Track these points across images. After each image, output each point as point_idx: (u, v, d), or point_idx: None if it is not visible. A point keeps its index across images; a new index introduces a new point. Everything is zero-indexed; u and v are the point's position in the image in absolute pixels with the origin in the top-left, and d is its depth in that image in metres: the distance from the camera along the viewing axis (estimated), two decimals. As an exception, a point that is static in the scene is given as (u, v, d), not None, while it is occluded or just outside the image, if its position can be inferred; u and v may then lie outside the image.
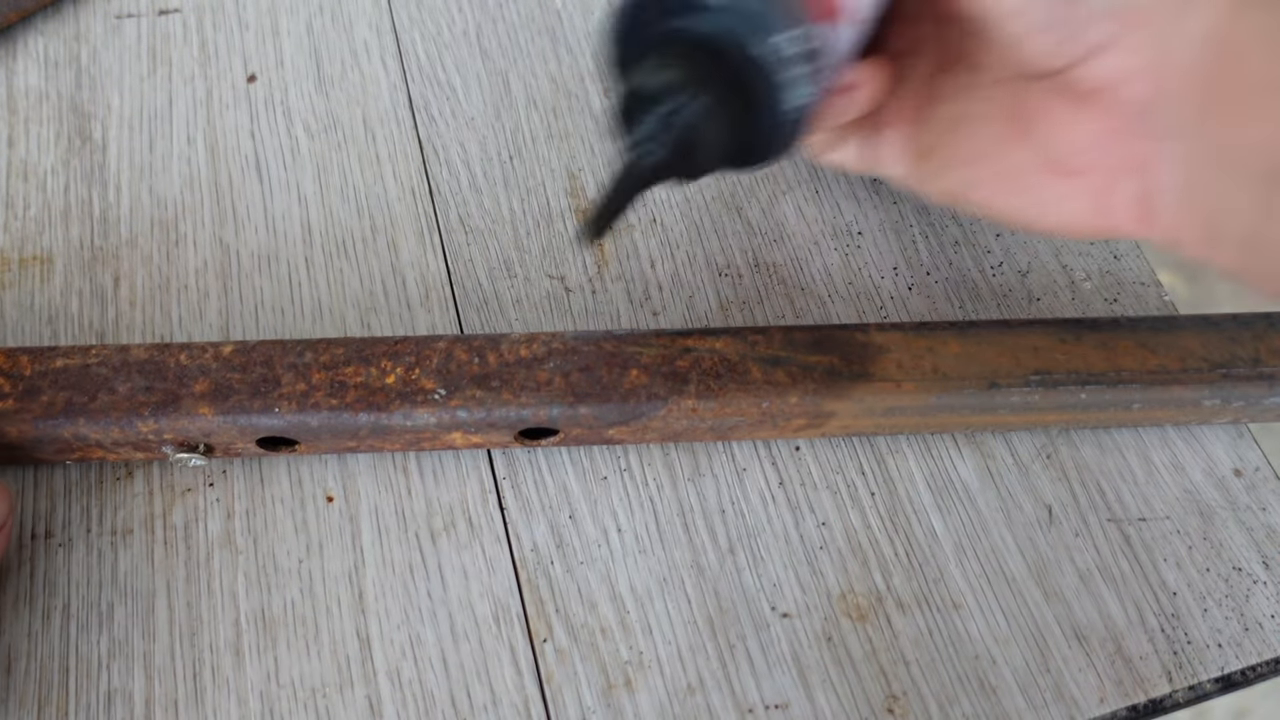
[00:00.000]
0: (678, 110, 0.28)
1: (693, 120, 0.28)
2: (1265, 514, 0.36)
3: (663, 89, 0.28)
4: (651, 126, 0.28)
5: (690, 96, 0.28)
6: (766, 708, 0.32)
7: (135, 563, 0.33)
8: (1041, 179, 0.29)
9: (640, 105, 0.28)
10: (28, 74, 0.42)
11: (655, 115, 0.28)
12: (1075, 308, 0.40)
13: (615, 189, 0.28)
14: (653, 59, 0.28)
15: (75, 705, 0.31)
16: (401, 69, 0.43)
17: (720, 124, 0.29)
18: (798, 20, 0.27)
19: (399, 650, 0.32)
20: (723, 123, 0.29)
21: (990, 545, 0.35)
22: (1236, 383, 0.34)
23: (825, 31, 0.28)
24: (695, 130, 0.28)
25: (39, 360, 0.32)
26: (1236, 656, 0.34)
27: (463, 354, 0.33)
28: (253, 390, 0.31)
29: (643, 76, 0.28)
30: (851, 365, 0.33)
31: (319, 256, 0.39)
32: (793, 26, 0.27)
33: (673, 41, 0.29)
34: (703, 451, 0.36)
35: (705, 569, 0.34)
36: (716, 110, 0.28)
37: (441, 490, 0.35)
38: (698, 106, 0.28)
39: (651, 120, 0.28)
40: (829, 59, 0.29)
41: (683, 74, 0.28)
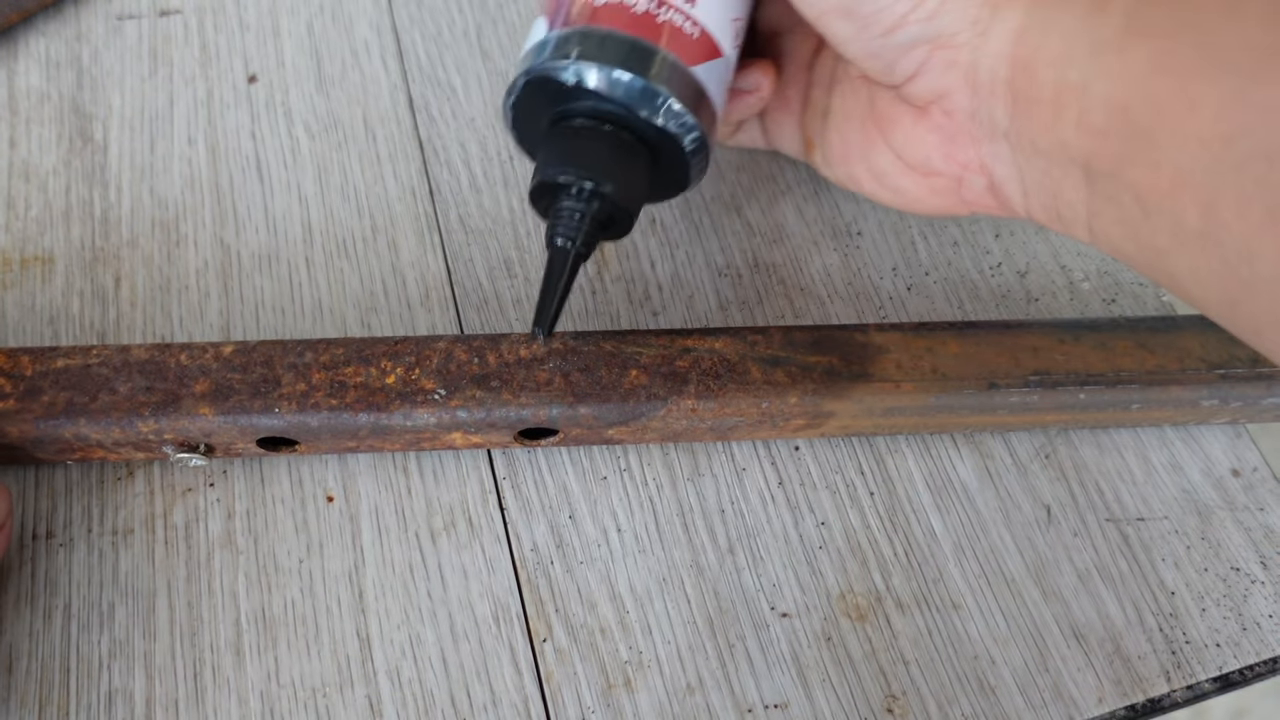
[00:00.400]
0: (588, 199, 0.30)
1: (604, 207, 0.31)
2: (1263, 514, 0.36)
3: (570, 179, 0.30)
4: (568, 222, 0.31)
5: (597, 182, 0.30)
6: (766, 707, 0.32)
7: (136, 563, 0.33)
8: (905, 177, 0.32)
9: (552, 193, 0.31)
10: (29, 74, 0.42)
11: (568, 210, 0.31)
12: (1074, 308, 0.40)
13: (552, 283, 0.31)
14: (554, 146, 0.31)
15: (76, 705, 0.31)
16: (402, 69, 0.43)
17: (633, 188, 0.31)
18: (679, 75, 0.30)
19: (399, 650, 0.32)
20: (635, 185, 0.31)
21: (989, 545, 0.35)
22: (1235, 383, 0.34)
23: (708, 68, 0.31)
24: (608, 212, 0.31)
25: (40, 360, 0.32)
26: (1235, 656, 0.34)
27: (463, 354, 0.33)
28: (253, 390, 0.31)
29: (548, 170, 0.31)
30: (851, 365, 0.33)
31: (319, 256, 0.39)
32: (676, 84, 0.30)
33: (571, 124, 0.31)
34: (702, 451, 0.36)
35: (705, 569, 0.34)
36: (626, 179, 0.31)
37: (441, 490, 0.35)
38: (607, 191, 0.30)
39: (566, 214, 0.31)
40: (717, 87, 0.31)
41: (587, 161, 0.30)
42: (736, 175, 0.42)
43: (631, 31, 0.29)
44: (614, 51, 0.29)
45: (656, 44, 0.29)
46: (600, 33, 0.29)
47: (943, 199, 0.32)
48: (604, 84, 0.29)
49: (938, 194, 0.32)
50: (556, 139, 0.31)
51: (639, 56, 0.29)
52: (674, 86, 0.30)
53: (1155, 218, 0.25)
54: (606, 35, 0.29)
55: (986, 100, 0.29)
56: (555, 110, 0.31)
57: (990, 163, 0.30)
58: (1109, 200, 0.27)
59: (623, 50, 0.29)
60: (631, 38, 0.29)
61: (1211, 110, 0.23)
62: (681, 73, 0.30)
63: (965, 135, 0.30)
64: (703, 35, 0.30)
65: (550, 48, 0.30)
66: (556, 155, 0.31)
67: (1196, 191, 0.24)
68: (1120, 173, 0.26)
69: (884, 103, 0.32)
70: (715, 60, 0.31)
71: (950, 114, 0.30)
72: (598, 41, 0.29)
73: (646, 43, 0.29)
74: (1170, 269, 0.26)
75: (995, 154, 0.29)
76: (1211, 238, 0.24)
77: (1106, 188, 0.26)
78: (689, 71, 0.30)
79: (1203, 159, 0.23)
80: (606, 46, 0.29)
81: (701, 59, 0.30)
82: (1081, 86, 0.26)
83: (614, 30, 0.29)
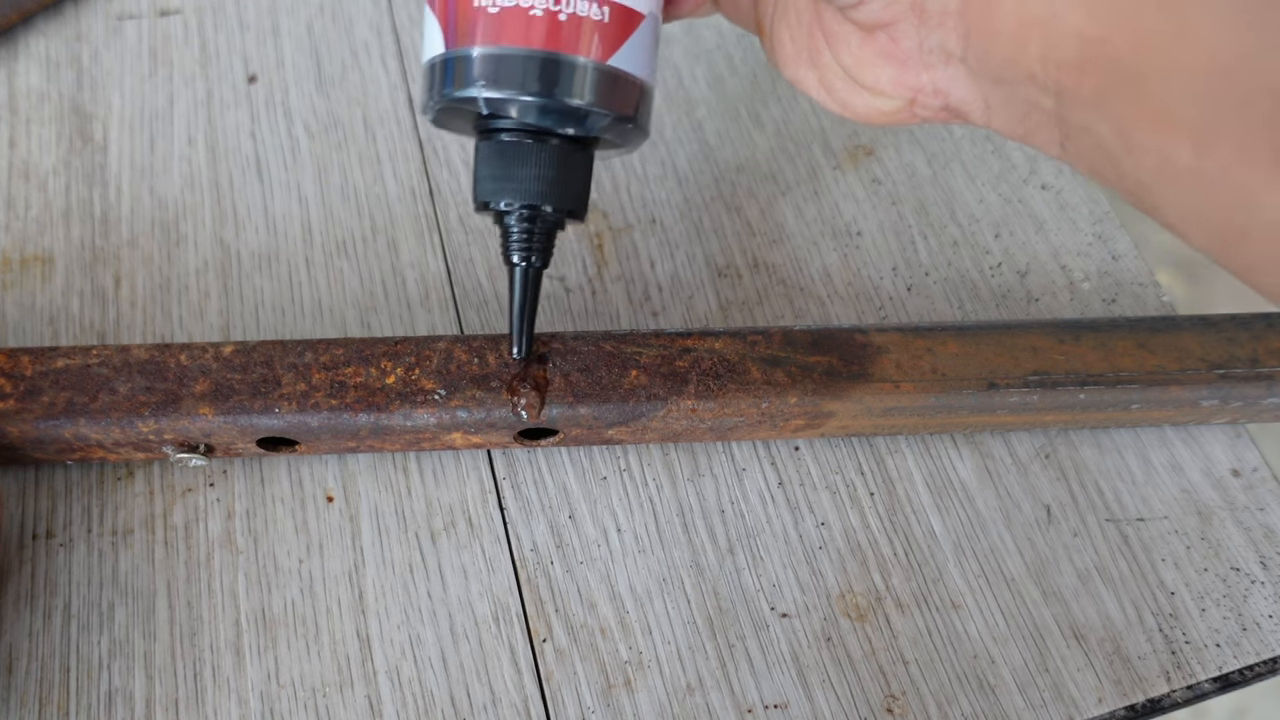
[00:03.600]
0: (533, 219, 0.30)
1: (549, 218, 0.30)
2: (1263, 514, 0.36)
3: (511, 204, 0.30)
4: (521, 241, 0.30)
5: (538, 201, 0.30)
6: (766, 707, 0.32)
7: (136, 563, 0.33)
8: (854, 94, 0.30)
9: (495, 212, 0.31)
10: (29, 74, 0.42)
11: (517, 231, 0.30)
12: (1074, 308, 0.40)
13: (522, 303, 0.31)
14: (487, 166, 0.30)
15: (76, 705, 0.31)
16: (401, 69, 0.43)
17: (573, 189, 0.30)
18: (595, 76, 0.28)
19: (399, 650, 0.32)
20: (576, 184, 0.30)
21: (989, 545, 0.35)
22: (1234, 383, 0.34)
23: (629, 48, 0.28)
24: (555, 220, 0.31)
25: (40, 360, 0.32)
26: (1234, 656, 0.34)
27: (462, 354, 0.33)
28: (253, 390, 0.31)
29: (487, 194, 0.30)
30: (850, 366, 0.33)
31: (319, 256, 0.39)
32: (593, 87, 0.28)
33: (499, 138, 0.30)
34: (702, 452, 0.36)
35: (705, 569, 0.34)
36: (565, 186, 0.30)
37: (441, 490, 0.35)
38: (549, 208, 0.30)
39: (515, 234, 0.30)
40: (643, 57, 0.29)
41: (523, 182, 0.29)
42: (736, 175, 0.42)
43: (534, 45, 0.27)
44: (522, 75, 0.27)
45: (564, 51, 0.27)
46: (503, 54, 0.27)
47: (893, 116, 0.30)
48: (517, 110, 0.28)
49: (889, 113, 0.30)
50: (487, 157, 0.29)
51: (547, 75, 0.27)
52: (592, 92, 0.27)
53: (1139, 152, 0.23)
54: (510, 56, 0.27)
55: (935, 31, 0.27)
56: (478, 123, 0.29)
57: (946, 87, 0.28)
58: (1084, 130, 0.25)
59: (530, 71, 0.27)
60: (535, 53, 0.27)
61: (1207, 40, 0.21)
62: (598, 73, 0.27)
63: (915, 61, 0.28)
64: (615, 11, 0.27)
65: (453, 72, 0.28)
66: (492, 178, 0.29)
67: (1189, 129, 0.22)
68: (1097, 106, 0.24)
69: (830, 16, 0.29)
70: (636, 32, 0.28)
71: (897, 40, 0.28)
72: (502, 64, 0.27)
73: (553, 55, 0.27)
74: (1153, 201, 0.24)
75: (951, 77, 0.28)
76: (1206, 178, 0.22)
77: (1082, 118, 0.24)
78: (605, 68, 0.28)
79: (1197, 95, 0.21)
80: (512, 70, 0.27)
81: (619, 41, 0.28)
82: (1047, 19, 0.24)
83: (515, 49, 0.27)
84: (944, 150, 0.43)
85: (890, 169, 0.43)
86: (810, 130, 0.43)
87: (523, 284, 0.31)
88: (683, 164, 0.42)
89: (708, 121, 0.43)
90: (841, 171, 0.42)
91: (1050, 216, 0.42)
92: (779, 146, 0.43)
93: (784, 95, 0.44)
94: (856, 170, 0.43)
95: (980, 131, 0.44)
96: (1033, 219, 0.42)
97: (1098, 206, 0.42)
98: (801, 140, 0.43)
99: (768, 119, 0.43)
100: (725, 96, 0.44)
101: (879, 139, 0.43)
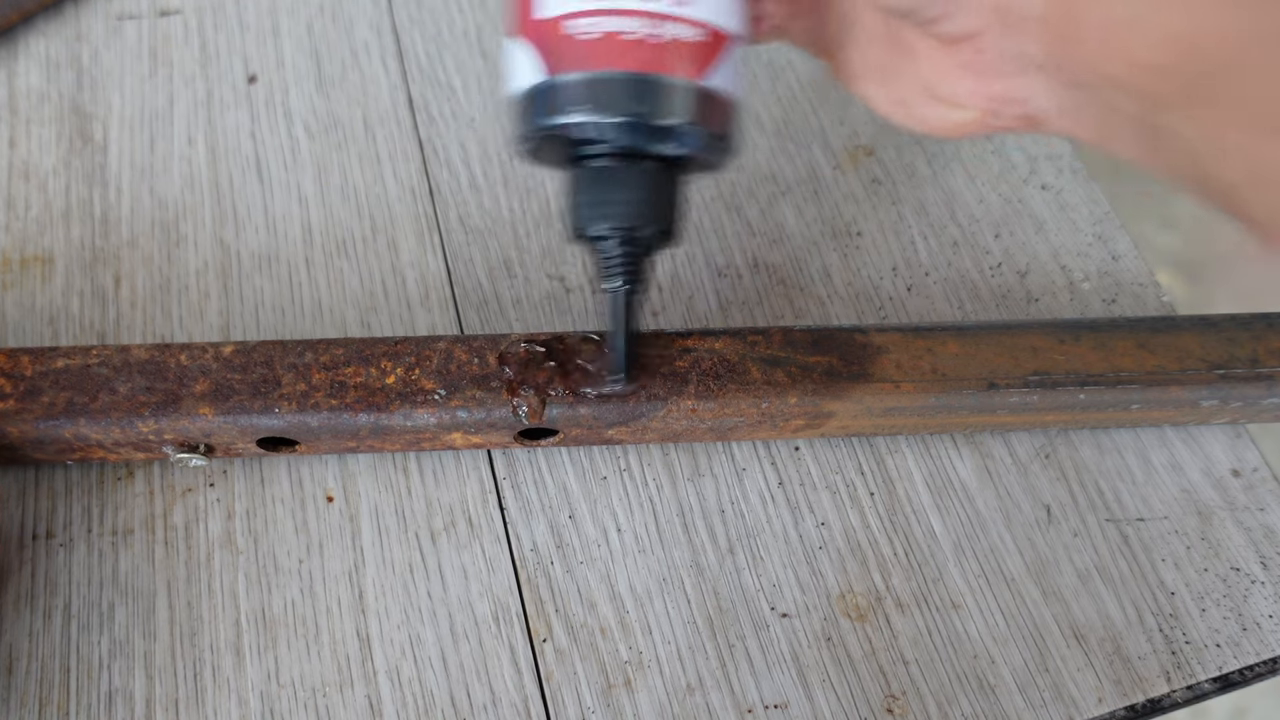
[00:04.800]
0: (629, 242, 0.30)
1: (644, 241, 0.30)
2: (1263, 514, 0.36)
3: (606, 230, 0.30)
4: (617, 267, 0.31)
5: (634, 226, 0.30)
6: (766, 707, 0.32)
7: (136, 563, 0.33)
8: (929, 107, 0.30)
9: (591, 239, 0.31)
10: (29, 75, 0.42)
11: (613, 256, 0.30)
12: (1074, 308, 0.40)
13: (620, 327, 0.31)
14: (581, 192, 0.30)
15: (76, 705, 0.31)
16: (401, 69, 0.43)
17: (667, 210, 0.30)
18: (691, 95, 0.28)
19: (399, 650, 0.32)
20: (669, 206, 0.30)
21: (989, 545, 0.35)
22: (1234, 383, 0.34)
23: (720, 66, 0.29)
24: (650, 243, 0.31)
25: (40, 361, 0.32)
26: (1234, 656, 0.34)
27: (463, 354, 0.33)
28: (253, 390, 0.31)
29: (583, 221, 0.30)
30: (850, 366, 0.33)
31: (319, 256, 0.39)
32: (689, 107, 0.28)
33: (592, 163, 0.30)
34: (702, 451, 0.36)
35: (705, 569, 0.34)
36: (659, 209, 0.30)
37: (441, 490, 0.35)
38: (645, 233, 0.30)
39: (613, 261, 0.30)
40: (733, 76, 0.30)
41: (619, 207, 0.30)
42: (736, 175, 0.42)
43: (634, 68, 0.27)
44: (621, 98, 0.27)
45: (661, 73, 0.28)
46: (602, 78, 0.28)
47: (968, 128, 0.30)
48: (617, 134, 0.28)
49: (964, 125, 0.30)
50: (582, 184, 0.30)
51: (646, 96, 0.28)
52: (688, 112, 0.28)
53: (1229, 155, 0.23)
54: (609, 80, 0.27)
55: (1018, 39, 0.27)
56: (572, 151, 0.30)
57: (1026, 95, 0.28)
58: (1168, 133, 0.24)
59: (629, 94, 0.27)
60: (635, 75, 0.27)
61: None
62: (693, 92, 0.28)
63: (997, 70, 0.28)
64: (708, 34, 0.28)
65: (552, 98, 0.28)
66: (588, 205, 0.30)
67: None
68: (1185, 107, 0.23)
69: (907, 31, 0.29)
70: (726, 51, 0.29)
71: (981, 51, 0.28)
72: (602, 88, 0.28)
73: (651, 76, 0.28)
74: (1242, 205, 0.24)
75: (1030, 85, 0.28)
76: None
77: (1166, 121, 0.24)
78: (701, 87, 0.28)
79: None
80: (611, 93, 0.28)
81: (711, 60, 0.29)
82: (1133, 22, 0.24)
83: (616, 72, 0.27)
84: (944, 150, 0.43)
85: (890, 169, 0.43)
86: (810, 130, 0.43)
87: (622, 309, 0.31)
88: (683, 164, 0.42)
89: (708, 121, 0.43)
90: (841, 171, 0.42)
91: (1050, 216, 0.42)
92: (779, 146, 0.43)
93: (783, 95, 0.44)
94: (856, 170, 0.43)
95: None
96: (1033, 219, 0.42)
97: (1098, 207, 0.42)
98: (801, 140, 0.43)
99: (768, 119, 0.43)
100: (725, 96, 0.44)
101: (879, 139, 0.43)
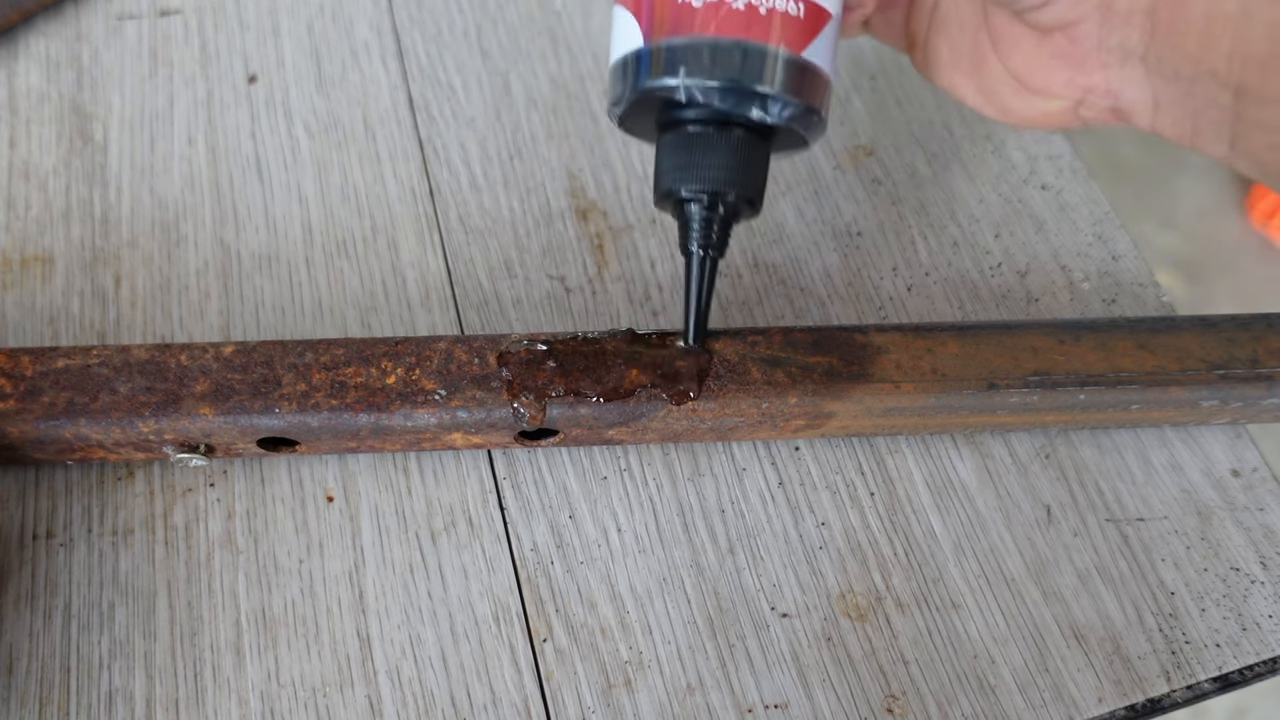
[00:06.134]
0: (716, 206, 0.31)
1: (730, 208, 0.31)
2: (1263, 514, 0.36)
3: (695, 191, 0.30)
4: (702, 231, 0.31)
5: (722, 190, 0.30)
6: (766, 707, 0.32)
7: (136, 563, 0.33)
8: (1017, 97, 0.31)
9: (679, 202, 0.31)
10: (29, 74, 0.42)
11: (699, 219, 0.31)
12: (1074, 308, 0.40)
13: (699, 292, 0.32)
14: (673, 155, 0.30)
15: (76, 705, 0.31)
16: (401, 69, 0.43)
17: (755, 179, 0.31)
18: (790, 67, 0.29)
19: (399, 650, 0.32)
20: (757, 175, 0.31)
21: (989, 545, 0.35)
22: (1235, 384, 0.34)
23: (819, 43, 0.29)
24: (735, 210, 0.31)
25: (40, 361, 0.32)
26: (1234, 656, 0.34)
27: (463, 354, 0.33)
28: (253, 391, 0.31)
29: (673, 182, 0.30)
30: (850, 366, 0.33)
31: (319, 256, 0.39)
32: (788, 78, 0.29)
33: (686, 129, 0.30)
34: (702, 451, 0.36)
35: (705, 569, 0.34)
36: (748, 176, 0.30)
37: (441, 490, 0.35)
38: (732, 198, 0.30)
39: (698, 223, 0.31)
40: (829, 54, 0.30)
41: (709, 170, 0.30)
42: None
43: (736, 34, 0.28)
44: (722, 62, 0.28)
45: (763, 41, 0.28)
46: (704, 43, 0.28)
47: (1056, 119, 0.31)
48: (715, 98, 0.28)
49: (1052, 115, 0.31)
50: (673, 147, 0.30)
51: (747, 63, 0.28)
52: (786, 82, 0.28)
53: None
54: (711, 45, 0.28)
55: (1120, 29, 0.27)
56: (665, 116, 0.30)
57: (1119, 87, 0.28)
58: (1262, 127, 0.25)
59: (730, 59, 0.28)
60: (737, 42, 0.28)
61: None
62: (792, 63, 0.29)
63: (1092, 61, 0.28)
64: (808, 8, 0.29)
65: (653, 61, 0.29)
66: (678, 167, 0.30)
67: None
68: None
69: (1001, 20, 0.30)
70: (824, 29, 0.29)
71: (1076, 40, 0.28)
72: (703, 53, 0.28)
73: (753, 44, 0.28)
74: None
75: (1126, 78, 0.28)
76: None
77: (1261, 114, 0.25)
78: (800, 59, 0.29)
79: None
80: (713, 57, 0.28)
81: (811, 36, 0.29)
82: (1240, 15, 0.24)
83: (718, 37, 0.28)
84: (944, 150, 0.43)
85: (890, 169, 0.43)
86: (810, 130, 0.43)
87: (699, 273, 0.31)
88: (683, 164, 0.42)
89: (708, 121, 0.43)
90: (841, 171, 0.42)
91: (1050, 216, 0.42)
92: (779, 146, 0.43)
93: (784, 95, 0.44)
94: (856, 170, 0.43)
95: (980, 131, 0.44)
96: (1033, 219, 0.42)
97: (1098, 207, 0.42)
98: (801, 140, 0.43)
99: (768, 119, 0.43)
100: (725, 96, 0.44)
101: (879, 139, 0.43)
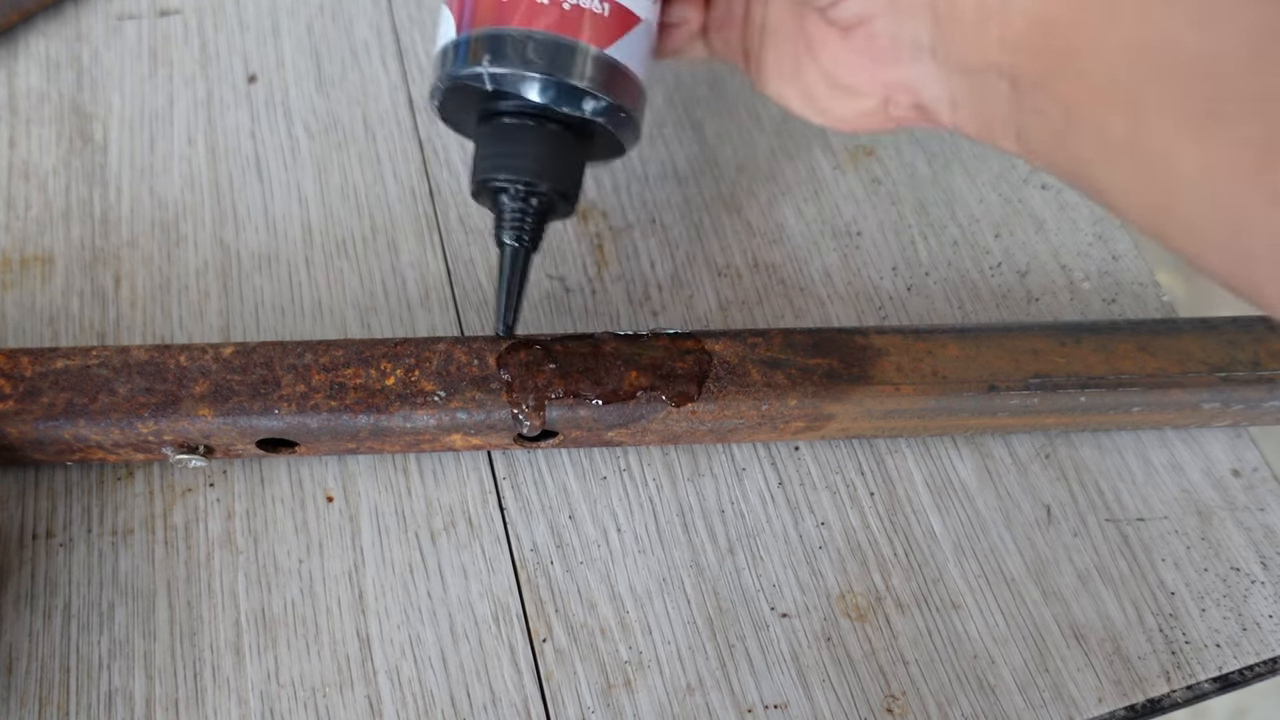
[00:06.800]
0: (528, 198, 0.31)
1: (544, 202, 0.31)
2: (1263, 514, 0.36)
3: (508, 181, 0.31)
4: (514, 222, 0.31)
5: (534, 181, 0.31)
6: (766, 707, 0.32)
7: (136, 563, 0.33)
8: (833, 99, 0.33)
9: (493, 193, 0.32)
10: (29, 75, 0.42)
11: (512, 210, 0.31)
12: (1074, 308, 0.40)
13: (509, 281, 0.32)
14: (487, 146, 0.31)
15: (76, 705, 0.31)
16: (401, 69, 0.43)
17: (568, 175, 0.32)
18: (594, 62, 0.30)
19: (399, 650, 0.32)
20: (570, 171, 0.32)
21: (989, 545, 0.35)
22: (1236, 386, 0.34)
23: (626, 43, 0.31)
24: (549, 204, 0.32)
25: (39, 361, 0.32)
26: (1234, 656, 0.34)
27: (462, 355, 0.33)
28: (253, 392, 0.31)
29: (485, 172, 0.31)
30: (850, 368, 0.33)
31: (319, 256, 0.39)
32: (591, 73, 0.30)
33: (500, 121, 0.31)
34: (702, 452, 0.36)
35: (705, 569, 0.34)
36: (560, 170, 0.31)
37: (441, 490, 0.35)
38: (545, 189, 0.31)
39: (510, 214, 0.31)
40: (638, 56, 0.31)
41: (521, 161, 0.31)
42: (736, 175, 0.42)
43: (543, 27, 0.29)
44: (522, 54, 0.29)
45: (569, 36, 0.29)
46: (511, 33, 0.29)
47: (870, 120, 0.32)
48: (518, 87, 0.30)
49: (865, 115, 0.32)
50: (488, 138, 0.31)
51: (552, 54, 0.29)
52: (592, 76, 0.30)
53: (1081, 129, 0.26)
54: (519, 36, 0.29)
55: (909, 23, 0.29)
56: (481, 107, 0.31)
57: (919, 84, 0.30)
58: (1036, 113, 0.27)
59: (530, 51, 0.29)
60: (544, 34, 0.29)
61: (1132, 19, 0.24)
62: (598, 59, 0.30)
63: (889, 57, 0.30)
64: (614, 10, 0.30)
65: (462, 53, 0.30)
66: (491, 156, 0.31)
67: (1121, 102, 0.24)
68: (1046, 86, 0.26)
69: (812, 23, 0.32)
70: (632, 31, 0.31)
71: (874, 36, 0.30)
72: (510, 43, 0.29)
73: (560, 37, 0.29)
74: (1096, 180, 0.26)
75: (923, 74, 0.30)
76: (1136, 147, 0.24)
77: (1033, 101, 0.27)
78: (603, 55, 0.30)
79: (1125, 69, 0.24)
80: (514, 49, 0.29)
81: (616, 35, 0.30)
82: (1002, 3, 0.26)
83: (526, 29, 0.29)
84: (944, 150, 0.43)
85: (890, 169, 0.43)
86: (810, 130, 0.43)
87: (511, 265, 0.32)
88: (683, 164, 0.42)
89: (708, 121, 0.43)
90: (841, 171, 0.42)
91: (1050, 216, 0.42)
92: (779, 146, 0.43)
93: (784, 95, 0.44)
94: (856, 170, 0.43)
95: (980, 131, 0.44)
96: (1033, 219, 0.42)
97: (1097, 207, 0.42)
98: (801, 140, 0.43)
99: (768, 119, 0.43)
100: (725, 96, 0.44)
101: (879, 139, 0.43)
